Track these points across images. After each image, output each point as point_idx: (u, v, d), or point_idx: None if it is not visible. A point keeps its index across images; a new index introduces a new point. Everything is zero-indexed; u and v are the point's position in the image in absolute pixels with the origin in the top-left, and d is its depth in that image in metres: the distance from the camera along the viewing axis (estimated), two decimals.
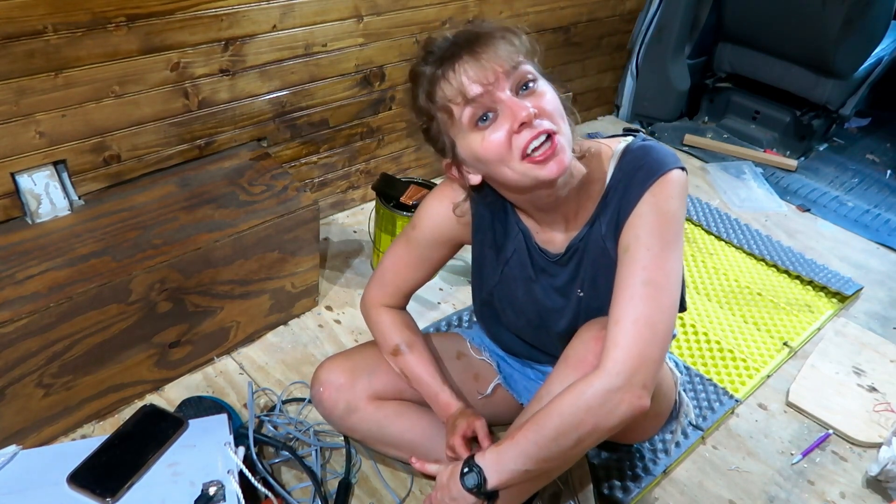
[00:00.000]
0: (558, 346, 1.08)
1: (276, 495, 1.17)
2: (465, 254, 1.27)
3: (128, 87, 1.37)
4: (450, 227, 1.13)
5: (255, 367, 1.49)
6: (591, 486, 1.19)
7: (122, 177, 1.45)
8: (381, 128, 1.97)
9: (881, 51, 2.63)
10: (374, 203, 1.74)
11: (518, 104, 0.88)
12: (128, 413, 1.30)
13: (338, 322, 1.64)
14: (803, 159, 2.72)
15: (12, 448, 1.10)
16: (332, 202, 1.98)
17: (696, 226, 2.21)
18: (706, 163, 2.61)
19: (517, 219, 1.08)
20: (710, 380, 1.61)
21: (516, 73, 0.89)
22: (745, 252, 2.11)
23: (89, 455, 1.08)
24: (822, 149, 2.84)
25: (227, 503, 1.03)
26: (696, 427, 1.47)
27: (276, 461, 1.28)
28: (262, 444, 1.28)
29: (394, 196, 1.69)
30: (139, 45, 1.35)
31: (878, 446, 1.45)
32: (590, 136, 2.14)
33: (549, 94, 0.92)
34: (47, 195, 1.33)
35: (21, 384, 1.18)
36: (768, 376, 1.66)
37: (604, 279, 1.02)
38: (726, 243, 2.15)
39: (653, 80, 2.73)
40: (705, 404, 1.53)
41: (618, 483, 1.33)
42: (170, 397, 1.40)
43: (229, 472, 1.07)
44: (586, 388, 0.91)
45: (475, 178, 0.99)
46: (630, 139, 1.02)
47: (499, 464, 0.96)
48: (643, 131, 2.76)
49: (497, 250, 1.11)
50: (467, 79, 0.89)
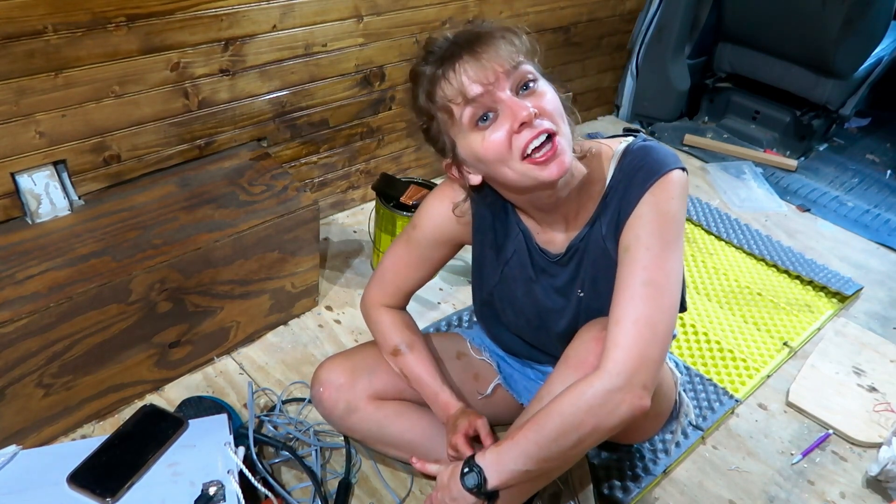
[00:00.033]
0: (558, 346, 1.08)
1: (276, 495, 1.17)
2: (465, 254, 1.27)
3: (128, 87, 1.37)
4: (450, 227, 1.13)
5: (255, 367, 1.49)
6: (591, 486, 1.19)
7: (122, 177, 1.45)
8: (381, 128, 1.97)
9: (881, 51, 2.62)
10: (374, 203, 1.74)
11: (518, 104, 0.88)
12: (128, 413, 1.30)
13: (338, 322, 1.64)
14: (803, 159, 2.71)
15: (12, 448, 1.10)
16: (332, 202, 1.98)
17: (696, 226, 2.21)
18: (706, 163, 2.61)
19: (517, 219, 1.08)
20: (710, 380, 1.61)
21: (516, 73, 0.90)
22: (745, 252, 2.11)
23: (89, 455, 1.08)
24: (822, 149, 2.84)
25: (227, 503, 1.03)
26: (696, 427, 1.47)
27: (276, 461, 1.28)
28: (262, 444, 1.28)
29: (394, 196, 1.69)
30: (139, 45, 1.35)
31: (878, 446, 1.45)
32: (590, 136, 2.14)
33: (549, 94, 0.92)
34: (47, 195, 1.33)
35: (21, 384, 1.18)
36: (768, 376, 1.66)
37: (604, 279, 1.01)
38: (726, 243, 2.15)
39: (653, 80, 2.73)
40: (705, 404, 1.53)
41: (618, 483, 1.33)
42: (170, 397, 1.40)
43: (229, 472, 1.07)
44: (587, 389, 0.91)
45: (475, 178, 0.99)
46: (630, 139, 1.02)
47: (499, 464, 0.96)
48: (643, 131, 2.76)
49: (497, 250, 1.11)
50: (467, 79, 0.89)
